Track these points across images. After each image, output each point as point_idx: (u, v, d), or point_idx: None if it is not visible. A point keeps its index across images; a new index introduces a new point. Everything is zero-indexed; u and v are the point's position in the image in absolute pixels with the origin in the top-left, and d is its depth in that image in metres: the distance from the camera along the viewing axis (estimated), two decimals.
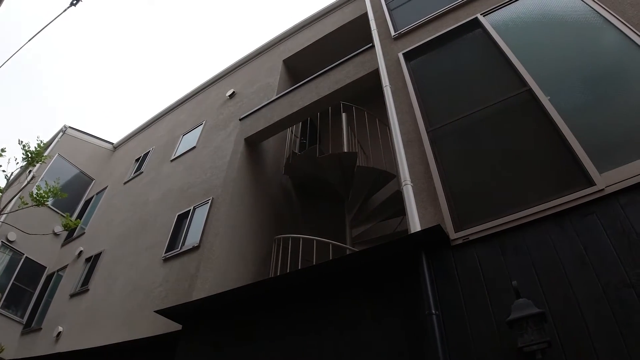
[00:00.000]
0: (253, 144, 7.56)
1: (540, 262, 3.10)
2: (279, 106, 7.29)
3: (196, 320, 5.17)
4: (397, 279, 3.79)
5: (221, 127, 9.43)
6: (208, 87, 12.26)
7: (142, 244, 8.32)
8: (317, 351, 3.88)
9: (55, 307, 9.78)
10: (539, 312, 2.71)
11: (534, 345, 2.66)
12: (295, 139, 8.63)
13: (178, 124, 11.82)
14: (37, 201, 6.03)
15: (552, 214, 3.26)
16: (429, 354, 3.14)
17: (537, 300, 2.83)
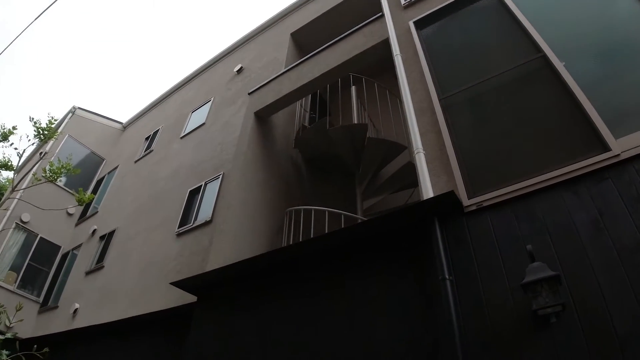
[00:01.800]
0: (263, 119, 7.52)
1: (555, 227, 3.08)
2: (288, 79, 7.22)
3: (210, 291, 5.25)
4: (410, 246, 3.79)
5: (230, 103, 9.39)
6: (215, 64, 12.17)
7: (155, 221, 8.41)
8: (330, 318, 3.92)
9: (71, 285, 9.99)
10: (554, 275, 2.71)
11: (548, 308, 2.67)
12: (305, 114, 8.57)
13: (186, 101, 11.79)
14: (50, 177, 6.07)
15: (567, 179, 3.23)
16: (443, 318, 3.16)
17: (552, 265, 2.82)
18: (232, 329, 4.71)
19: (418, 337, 3.30)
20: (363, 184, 7.19)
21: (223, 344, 4.68)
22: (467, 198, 3.68)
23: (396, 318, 3.50)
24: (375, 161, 7.12)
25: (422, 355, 3.21)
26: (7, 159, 8.43)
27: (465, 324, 3.07)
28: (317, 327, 3.97)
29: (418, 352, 3.25)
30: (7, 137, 8.17)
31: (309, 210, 5.94)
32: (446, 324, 3.09)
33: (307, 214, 6.05)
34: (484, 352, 2.91)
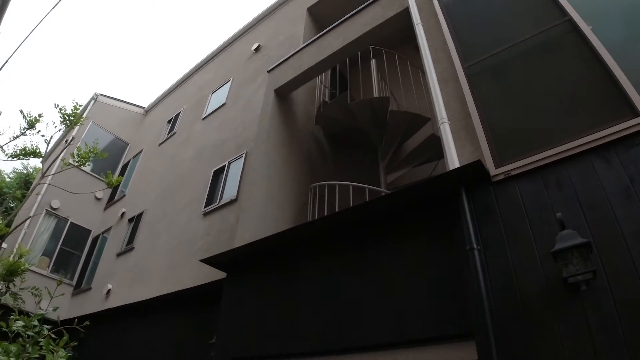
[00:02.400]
0: (283, 96, 7.50)
1: (585, 195, 3.02)
2: (307, 55, 7.15)
3: (239, 267, 5.36)
4: (437, 217, 3.78)
5: (249, 82, 9.39)
6: (232, 44, 12.13)
7: (181, 201, 8.58)
8: (358, 289, 3.97)
9: (103, 267, 10.34)
10: (585, 242, 2.67)
11: (578, 276, 2.64)
12: (325, 89, 8.50)
13: (206, 82, 11.83)
14: (79, 162, 6.22)
15: (596, 146, 3.15)
16: (471, 288, 3.16)
17: (582, 233, 2.78)
18: (262, 302, 4.83)
19: (446, 307, 3.32)
20: (386, 158, 7.14)
21: (253, 317, 4.81)
22: (494, 167, 3.63)
23: (424, 288, 3.52)
24: (398, 134, 7.05)
25: (451, 325, 3.23)
26: (35, 147, 8.66)
27: (494, 294, 3.07)
28: (345, 299, 4.03)
29: (447, 322, 3.27)
30: (33, 124, 8.36)
31: (332, 185, 5.95)
32: (475, 294, 3.09)
33: (331, 189, 6.07)
34: (513, 321, 2.91)
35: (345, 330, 3.87)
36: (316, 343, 4.03)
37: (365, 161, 8.12)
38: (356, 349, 3.75)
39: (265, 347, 4.49)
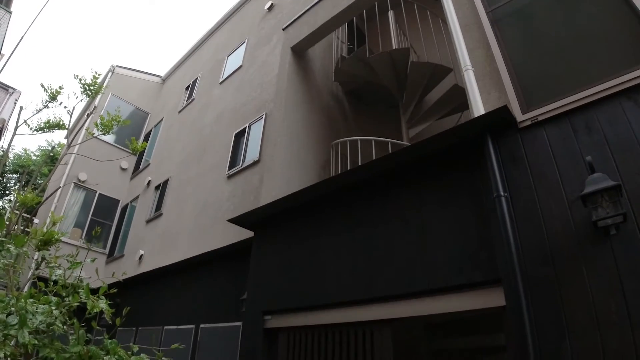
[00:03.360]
0: (300, 53, 7.36)
1: (614, 139, 2.94)
2: (322, 9, 6.94)
3: (266, 225, 5.46)
4: (464, 165, 3.73)
5: (264, 42, 9.23)
6: (244, 5, 11.84)
7: (205, 166, 8.69)
8: (384, 241, 4.00)
9: (134, 234, 10.68)
10: (615, 185, 2.62)
11: (608, 220, 2.61)
12: (342, 45, 8.30)
13: (220, 46, 11.69)
14: (103, 131, 6.31)
15: (626, 88, 3.03)
16: (498, 235, 3.14)
17: (612, 177, 2.73)
18: (290, 258, 4.93)
19: (474, 255, 3.33)
20: (407, 112, 7.02)
21: (282, 272, 4.93)
22: (520, 113, 3.55)
23: (451, 237, 3.53)
24: (419, 87, 6.88)
25: (479, 272, 3.25)
26: (58, 119, 8.81)
27: (522, 240, 3.06)
28: (372, 250, 4.08)
29: (474, 269, 3.28)
30: (55, 97, 8.48)
31: (354, 141, 5.91)
32: (502, 240, 3.09)
33: (353, 145, 6.03)
34: (541, 267, 2.90)
35: (373, 281, 3.94)
36: (345, 294, 4.13)
37: (387, 116, 8.00)
38: (384, 299, 3.82)
39: (295, 300, 4.62)
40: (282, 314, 4.76)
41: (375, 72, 7.01)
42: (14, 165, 21.37)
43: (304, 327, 4.51)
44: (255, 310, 5.03)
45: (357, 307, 4.03)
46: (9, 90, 15.69)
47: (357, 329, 4.00)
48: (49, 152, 17.01)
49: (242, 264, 6.08)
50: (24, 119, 7.92)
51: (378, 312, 3.85)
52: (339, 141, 6.13)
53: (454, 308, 3.42)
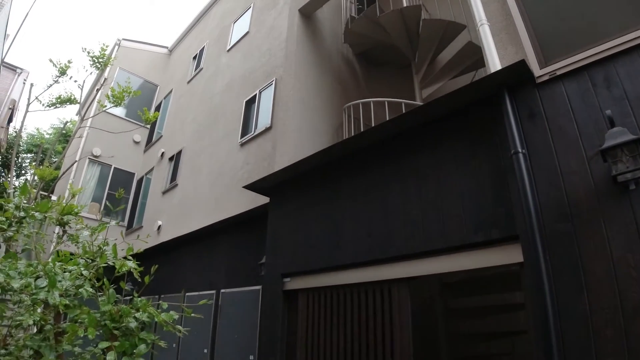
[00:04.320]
0: (307, 16, 7.18)
1: (634, 92, 2.86)
2: None
3: (281, 189, 5.49)
4: (480, 123, 3.67)
5: (271, 6, 8.99)
6: None
7: (217, 135, 8.69)
8: (400, 201, 4.00)
9: (151, 206, 10.86)
10: (635, 139, 2.57)
11: (628, 174, 2.58)
12: (351, 5, 8.06)
13: (226, 12, 11.45)
14: (115, 102, 6.32)
15: None
16: (516, 192, 3.12)
17: (632, 131, 2.67)
18: (306, 221, 4.98)
19: (491, 212, 3.32)
20: (420, 71, 6.86)
21: (299, 235, 5.00)
22: (538, 68, 3.45)
23: (468, 195, 3.51)
24: (432, 45, 6.70)
25: (496, 229, 3.24)
26: (69, 94, 8.83)
27: (541, 196, 3.04)
28: (389, 210, 4.09)
29: (492, 226, 3.28)
30: (64, 71, 8.48)
31: (367, 103, 5.83)
32: (520, 197, 3.06)
33: (366, 108, 5.96)
34: (560, 223, 2.89)
35: (389, 241, 3.96)
36: (362, 254, 4.18)
37: (399, 77, 7.85)
38: (401, 258, 3.86)
39: (312, 262, 4.70)
40: (301, 275, 4.85)
41: (386, 32, 6.83)
42: (27, 144, 21.64)
43: (322, 288, 4.60)
44: (274, 274, 5.13)
45: (375, 266, 4.08)
46: (17, 71, 15.70)
47: (375, 287, 4.07)
48: (62, 130, 17.15)
49: (259, 229, 6.17)
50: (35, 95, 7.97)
51: (395, 271, 3.90)
52: (351, 104, 6.06)
53: (472, 265, 3.45)
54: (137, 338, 1.82)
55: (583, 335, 2.58)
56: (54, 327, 1.89)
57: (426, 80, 6.95)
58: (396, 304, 3.85)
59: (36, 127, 26.39)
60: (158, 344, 1.91)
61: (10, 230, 2.20)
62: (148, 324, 1.93)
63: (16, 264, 1.85)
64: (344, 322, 4.27)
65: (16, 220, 2.16)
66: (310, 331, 4.61)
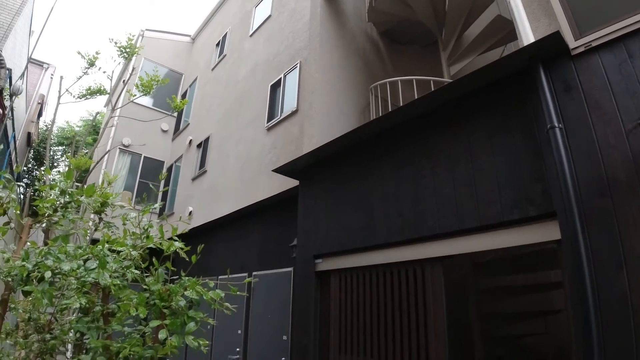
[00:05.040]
0: None
1: None
2: None
3: (311, 172, 5.51)
4: (513, 98, 3.57)
5: None
6: None
7: (243, 120, 8.75)
8: (432, 180, 3.96)
9: (182, 192, 11.09)
10: None
11: None
12: None
13: None
14: (144, 91, 6.43)
15: None
16: (552, 168, 3.04)
17: None
18: (336, 202, 5.00)
19: (527, 187, 3.25)
20: (447, 48, 6.70)
21: (329, 217, 5.02)
22: (573, 40, 3.31)
23: (503, 172, 3.44)
24: (460, 20, 6.51)
25: (532, 207, 3.18)
26: (99, 85, 9.03)
27: (578, 172, 2.95)
28: (421, 189, 4.04)
29: (528, 203, 3.21)
30: (93, 63, 8.67)
31: (394, 83, 5.74)
32: (558, 173, 2.98)
33: (393, 88, 5.88)
34: (598, 199, 2.80)
35: (422, 220, 3.94)
36: (394, 234, 4.17)
37: (425, 56, 7.69)
38: (435, 237, 3.83)
39: (344, 243, 4.72)
40: (333, 256, 4.89)
41: (411, 8, 6.67)
42: (58, 137, 22.26)
43: (354, 268, 4.62)
44: (306, 255, 5.19)
45: (407, 246, 4.07)
46: (43, 66, 16.12)
47: (408, 267, 4.07)
48: (91, 122, 17.60)
49: (290, 212, 6.23)
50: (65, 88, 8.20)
51: (428, 251, 3.88)
52: (378, 84, 5.98)
53: (507, 244, 3.41)
54: (186, 316, 1.88)
55: (622, 314, 2.52)
56: (103, 308, 1.97)
57: (454, 57, 6.78)
58: (429, 283, 3.85)
59: (66, 120, 27.11)
60: (207, 321, 1.97)
61: (56, 216, 2.29)
62: (196, 302, 2.00)
63: (65, 247, 1.93)
64: (376, 302, 4.30)
65: (61, 205, 2.25)
66: (342, 311, 4.66)
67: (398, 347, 3.98)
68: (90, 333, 1.84)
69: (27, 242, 2.22)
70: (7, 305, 2.03)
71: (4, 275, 1.85)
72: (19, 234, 2.27)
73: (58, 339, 2.50)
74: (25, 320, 2.72)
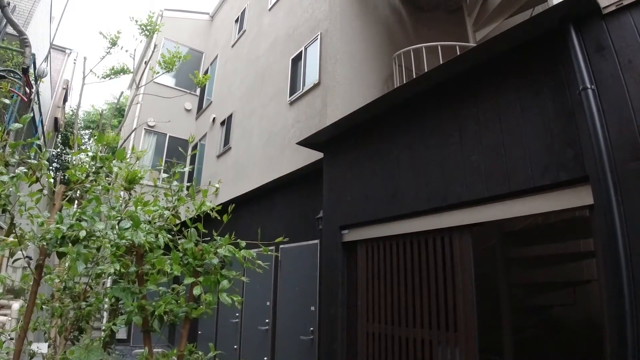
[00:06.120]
0: None
1: None
2: None
3: (335, 143, 5.49)
4: (543, 60, 3.45)
5: None
6: None
7: (265, 96, 8.75)
8: (460, 147, 3.89)
9: (207, 170, 11.27)
10: None
11: None
12: None
13: None
14: (167, 67, 6.47)
15: None
16: (585, 131, 2.94)
17: None
18: (362, 173, 4.99)
19: (558, 151, 3.16)
20: (473, 13, 6.48)
21: (355, 187, 5.02)
22: None
23: (533, 136, 3.35)
24: None
25: (563, 171, 3.10)
26: (122, 65, 9.14)
27: (611, 134, 2.84)
28: (448, 157, 3.98)
29: (559, 168, 3.13)
30: (115, 42, 8.76)
31: (418, 50, 5.61)
32: (590, 135, 2.88)
33: (417, 56, 5.75)
34: (633, 162, 2.70)
35: (450, 188, 3.90)
36: (421, 203, 4.14)
37: (448, 22, 7.46)
38: (463, 204, 3.80)
39: (370, 213, 4.73)
40: (359, 227, 4.91)
41: None
42: (84, 122, 22.81)
43: (381, 238, 4.64)
44: (332, 226, 5.23)
45: (434, 215, 4.05)
46: (66, 52, 16.37)
47: (436, 236, 4.05)
48: (116, 105, 17.94)
49: (315, 185, 6.26)
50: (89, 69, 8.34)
51: (456, 219, 3.85)
52: (402, 52, 5.85)
53: (538, 210, 3.34)
54: (219, 275, 1.93)
55: None
56: (138, 268, 2.03)
57: (480, 22, 6.56)
58: (457, 251, 3.83)
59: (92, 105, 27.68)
60: (240, 279, 2.02)
61: (88, 182, 2.35)
62: (228, 262, 2.04)
63: (99, 208, 1.99)
64: (404, 271, 4.32)
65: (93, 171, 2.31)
66: (370, 281, 4.71)
67: (426, 316, 4.00)
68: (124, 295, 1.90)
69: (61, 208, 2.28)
70: (42, 271, 2.11)
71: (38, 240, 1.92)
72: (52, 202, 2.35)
73: (94, 306, 2.59)
74: (61, 290, 2.84)
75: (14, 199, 1.98)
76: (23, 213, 1.95)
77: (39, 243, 1.89)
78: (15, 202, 1.93)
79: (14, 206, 1.92)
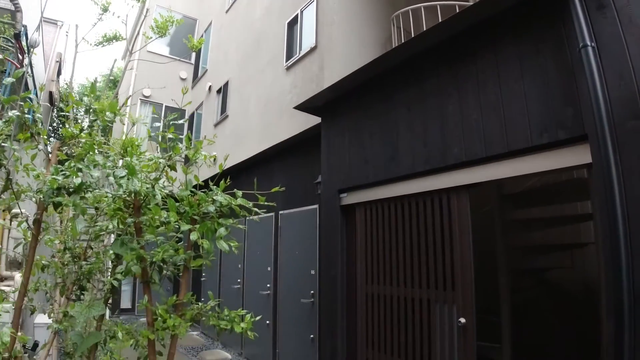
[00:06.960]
0: None
1: None
2: None
3: (333, 107, 5.45)
4: (543, 17, 3.37)
5: None
6: None
7: (262, 62, 8.60)
8: (458, 107, 3.85)
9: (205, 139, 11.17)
10: None
11: None
12: None
13: None
14: (160, 32, 6.33)
15: None
16: (584, 89, 2.90)
17: None
18: (359, 136, 4.97)
19: (557, 110, 3.13)
20: None
21: (353, 151, 5.01)
22: None
23: (532, 95, 3.32)
24: None
25: (562, 130, 3.08)
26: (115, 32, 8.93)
27: (611, 93, 2.80)
28: (447, 117, 3.94)
29: (557, 127, 3.12)
30: (107, 8, 8.54)
31: (416, 11, 5.48)
32: (590, 93, 2.85)
33: (416, 18, 5.61)
34: (632, 121, 2.67)
35: (448, 148, 3.89)
36: (419, 164, 4.14)
37: None
38: (461, 165, 3.79)
39: (368, 176, 4.74)
40: (357, 190, 4.93)
41: None
42: (79, 95, 22.53)
43: (379, 200, 4.66)
44: (330, 190, 5.25)
45: (432, 175, 4.05)
46: (58, 24, 15.96)
47: (434, 196, 4.07)
48: (109, 76, 17.69)
49: (313, 149, 6.24)
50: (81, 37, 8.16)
51: (454, 179, 3.86)
52: (400, 12, 5.71)
53: (536, 169, 3.34)
54: (216, 223, 1.95)
55: None
56: (135, 219, 2.03)
57: None
58: (455, 212, 3.85)
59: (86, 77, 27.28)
60: (236, 227, 2.04)
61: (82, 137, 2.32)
62: (226, 212, 2.06)
63: (93, 156, 1.98)
64: (402, 233, 4.36)
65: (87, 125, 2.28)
66: (368, 243, 4.76)
67: (424, 276, 4.07)
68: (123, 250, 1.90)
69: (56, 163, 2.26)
70: (40, 225, 2.11)
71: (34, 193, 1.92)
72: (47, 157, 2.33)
73: (94, 265, 2.61)
74: (61, 251, 2.85)
75: (11, 164, 1.97)
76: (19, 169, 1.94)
77: (36, 197, 1.88)
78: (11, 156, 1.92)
79: (9, 160, 1.91)
